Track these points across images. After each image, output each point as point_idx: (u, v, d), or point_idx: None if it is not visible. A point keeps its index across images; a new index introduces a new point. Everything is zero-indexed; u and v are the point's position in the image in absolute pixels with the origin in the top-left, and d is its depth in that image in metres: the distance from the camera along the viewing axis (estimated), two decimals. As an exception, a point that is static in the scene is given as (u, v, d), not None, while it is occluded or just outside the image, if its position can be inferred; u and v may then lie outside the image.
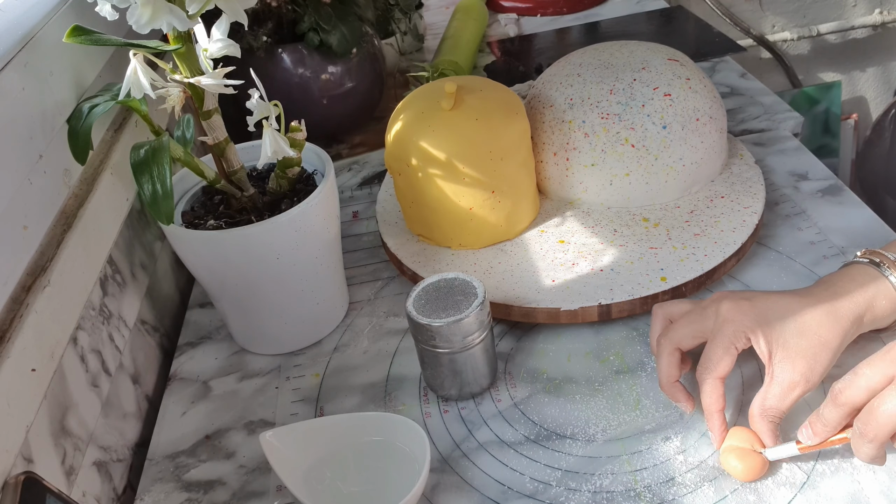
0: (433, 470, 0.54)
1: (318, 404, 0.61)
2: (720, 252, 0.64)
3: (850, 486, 0.49)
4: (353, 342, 0.67)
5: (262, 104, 0.56)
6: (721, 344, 0.52)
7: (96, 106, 0.57)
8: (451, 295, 0.56)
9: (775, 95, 0.92)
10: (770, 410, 0.50)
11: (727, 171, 0.73)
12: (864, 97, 1.73)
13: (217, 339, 0.70)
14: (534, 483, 0.52)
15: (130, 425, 0.62)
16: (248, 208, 0.61)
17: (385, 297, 0.71)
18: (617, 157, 0.68)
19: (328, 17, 0.86)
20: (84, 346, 0.55)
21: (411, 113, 0.67)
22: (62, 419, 0.51)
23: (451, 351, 0.56)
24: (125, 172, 0.63)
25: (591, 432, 0.55)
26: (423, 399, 0.60)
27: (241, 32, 0.81)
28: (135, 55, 0.52)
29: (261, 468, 0.57)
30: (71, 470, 0.51)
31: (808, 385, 0.50)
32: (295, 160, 0.61)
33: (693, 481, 0.51)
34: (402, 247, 0.71)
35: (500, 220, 0.68)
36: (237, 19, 0.53)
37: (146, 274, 0.70)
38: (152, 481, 0.58)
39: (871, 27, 1.62)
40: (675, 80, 0.69)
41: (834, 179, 0.75)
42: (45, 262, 0.52)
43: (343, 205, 0.84)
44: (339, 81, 0.90)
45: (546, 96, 0.72)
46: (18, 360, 0.45)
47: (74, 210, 0.57)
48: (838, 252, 0.67)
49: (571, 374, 0.60)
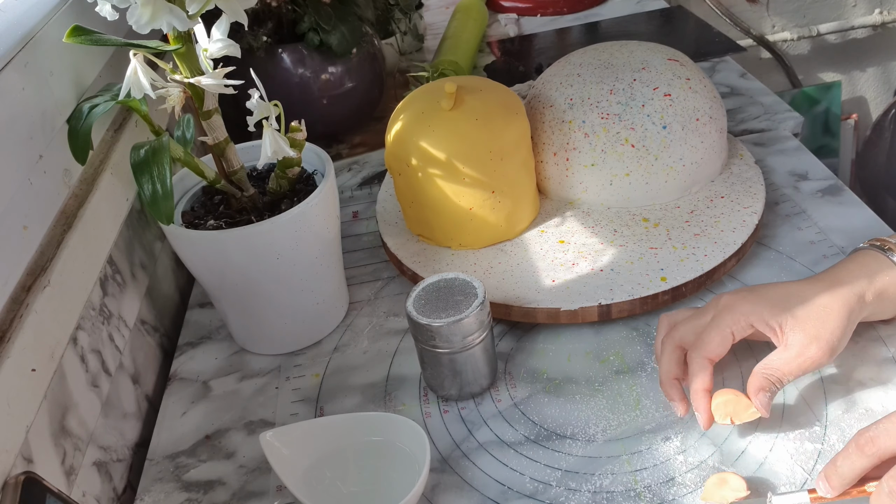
0: (433, 470, 0.54)
1: (318, 404, 0.61)
2: (720, 252, 0.64)
3: (850, 486, 0.49)
4: (353, 342, 0.67)
5: (262, 104, 0.56)
6: (716, 327, 0.52)
7: (96, 106, 0.57)
8: (451, 295, 0.56)
9: (775, 95, 0.92)
10: (769, 369, 0.50)
11: (727, 171, 0.73)
12: (864, 97, 1.73)
13: (217, 339, 0.70)
14: (534, 483, 0.52)
15: (130, 425, 0.62)
16: (248, 208, 0.61)
17: (385, 297, 0.71)
18: (617, 157, 0.68)
19: (328, 17, 0.86)
20: (84, 346, 0.55)
21: (411, 113, 0.67)
22: (62, 419, 0.51)
23: (451, 351, 0.56)
24: (125, 172, 0.63)
25: (591, 432, 0.55)
26: (423, 399, 0.60)
27: (241, 32, 0.81)
28: (135, 55, 0.52)
29: (261, 468, 0.57)
30: (71, 470, 0.51)
31: (819, 352, 0.50)
32: (295, 160, 0.61)
33: (693, 481, 0.51)
34: (402, 247, 0.71)
35: (500, 220, 0.68)
36: (237, 19, 0.53)
37: (146, 274, 0.70)
38: (152, 481, 0.58)
39: (871, 27, 1.62)
40: (675, 80, 0.69)
41: (834, 179, 0.75)
42: (45, 262, 0.52)
43: (343, 205, 0.84)
44: (339, 81, 0.90)
45: (546, 96, 0.72)
46: (18, 360, 0.45)
47: (74, 210, 0.57)
48: (838, 252, 0.67)
49: (571, 374, 0.60)
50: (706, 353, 0.52)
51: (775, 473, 0.50)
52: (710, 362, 0.52)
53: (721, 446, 0.53)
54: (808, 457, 0.51)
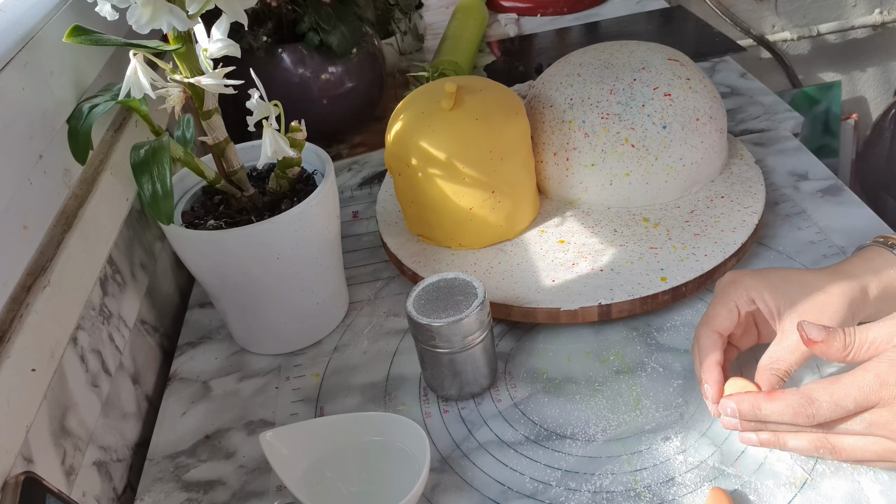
0: (433, 470, 0.54)
1: (318, 404, 0.61)
2: (720, 252, 0.64)
3: (850, 486, 0.49)
4: (353, 342, 0.67)
5: (262, 104, 0.56)
6: (721, 301, 0.52)
7: (96, 106, 0.57)
8: (451, 295, 0.56)
9: (775, 95, 0.92)
10: (777, 362, 0.50)
11: (727, 171, 0.73)
12: (864, 97, 1.73)
13: (217, 339, 0.70)
14: (534, 483, 0.52)
15: (130, 425, 0.62)
16: (248, 208, 0.61)
17: (385, 297, 0.71)
18: (617, 157, 0.68)
19: (328, 17, 0.86)
20: (84, 346, 0.55)
21: (411, 113, 0.67)
22: (62, 419, 0.51)
23: (451, 351, 0.56)
24: (125, 172, 0.63)
25: (591, 432, 0.55)
26: (423, 399, 0.60)
27: (241, 32, 0.81)
28: (135, 55, 0.52)
29: (261, 468, 0.57)
30: (71, 470, 0.51)
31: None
32: (295, 160, 0.61)
33: (693, 481, 0.51)
34: (402, 247, 0.71)
35: (500, 220, 0.68)
36: (237, 19, 0.53)
37: (146, 274, 0.70)
38: (152, 481, 0.58)
39: (871, 27, 1.62)
40: (675, 80, 0.69)
41: (834, 179, 0.75)
42: (45, 262, 0.52)
43: (343, 205, 0.84)
44: (339, 81, 0.90)
45: (546, 96, 0.72)
46: (18, 360, 0.45)
47: (74, 210, 0.57)
48: (838, 252, 0.67)
49: (571, 374, 0.60)
50: (714, 326, 0.52)
51: (775, 473, 0.50)
52: (719, 336, 0.52)
53: (721, 446, 0.53)
54: (807, 457, 0.51)
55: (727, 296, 0.53)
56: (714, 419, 0.54)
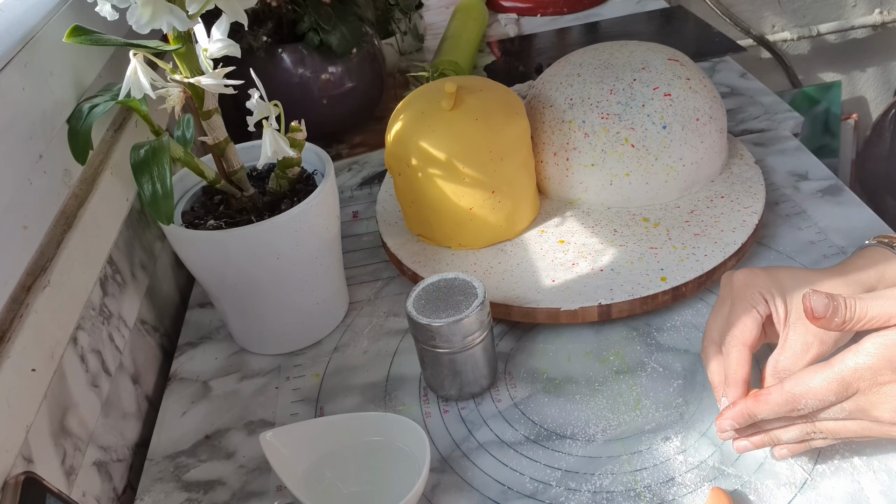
0: (433, 470, 0.54)
1: (318, 404, 0.61)
2: (720, 252, 0.64)
3: (850, 486, 0.49)
4: (353, 342, 0.67)
5: (262, 104, 0.56)
6: (742, 307, 0.51)
7: (96, 106, 0.57)
8: (451, 295, 0.56)
9: (775, 95, 0.92)
10: (783, 372, 0.49)
11: (727, 171, 0.73)
12: (864, 97, 1.73)
13: (217, 339, 0.70)
14: (534, 483, 0.52)
15: (130, 425, 0.62)
16: (248, 208, 0.61)
17: (385, 297, 0.71)
18: (617, 157, 0.68)
19: (328, 17, 0.86)
20: (84, 346, 0.55)
21: (411, 113, 0.67)
22: (62, 419, 0.51)
23: (451, 351, 0.56)
24: (125, 172, 0.63)
25: (591, 432, 0.55)
26: (423, 399, 0.60)
27: (241, 32, 0.81)
28: (135, 55, 0.52)
29: (261, 468, 0.57)
30: (71, 470, 0.51)
31: (822, 346, 0.49)
32: (295, 160, 0.61)
33: (693, 481, 0.51)
34: (402, 247, 0.71)
35: (500, 220, 0.68)
36: (237, 19, 0.53)
37: (146, 274, 0.70)
38: (152, 481, 0.58)
39: (871, 27, 1.62)
40: (675, 80, 0.69)
41: (834, 179, 0.75)
42: (45, 262, 0.52)
43: (343, 205, 0.84)
44: (339, 81, 0.90)
45: (546, 96, 0.72)
46: (18, 360, 0.45)
47: (74, 210, 0.57)
48: (838, 252, 0.67)
49: (571, 374, 0.60)
50: (744, 339, 0.50)
51: (775, 474, 0.50)
52: (749, 350, 0.50)
53: (721, 446, 0.53)
54: (807, 457, 0.51)
55: (747, 301, 0.51)
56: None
